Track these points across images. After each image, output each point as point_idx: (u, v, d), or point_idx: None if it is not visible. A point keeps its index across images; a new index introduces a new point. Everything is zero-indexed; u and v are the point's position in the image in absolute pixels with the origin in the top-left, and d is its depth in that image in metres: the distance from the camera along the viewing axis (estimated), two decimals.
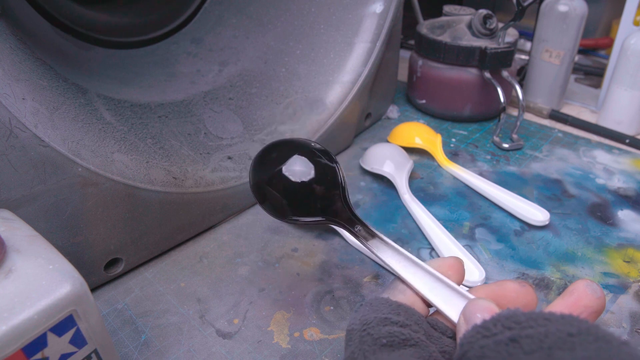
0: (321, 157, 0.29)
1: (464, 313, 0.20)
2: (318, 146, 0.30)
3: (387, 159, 0.49)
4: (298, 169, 0.29)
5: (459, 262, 0.25)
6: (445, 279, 0.23)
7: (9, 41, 0.32)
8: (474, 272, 0.38)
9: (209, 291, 0.38)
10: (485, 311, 0.19)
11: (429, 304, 0.24)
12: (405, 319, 0.21)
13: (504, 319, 0.18)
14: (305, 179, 0.28)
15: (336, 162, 0.30)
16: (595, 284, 0.21)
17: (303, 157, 0.29)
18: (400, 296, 0.24)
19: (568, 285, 0.24)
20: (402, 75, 0.72)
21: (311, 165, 0.29)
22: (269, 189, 0.29)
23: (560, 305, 0.21)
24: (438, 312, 0.23)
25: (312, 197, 0.29)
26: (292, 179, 0.28)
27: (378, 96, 0.58)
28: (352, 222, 0.29)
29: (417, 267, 0.25)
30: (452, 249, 0.40)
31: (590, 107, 0.65)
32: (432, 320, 0.23)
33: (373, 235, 0.28)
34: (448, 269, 0.24)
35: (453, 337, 0.22)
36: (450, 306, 0.22)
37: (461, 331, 0.20)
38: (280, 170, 0.28)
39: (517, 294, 0.22)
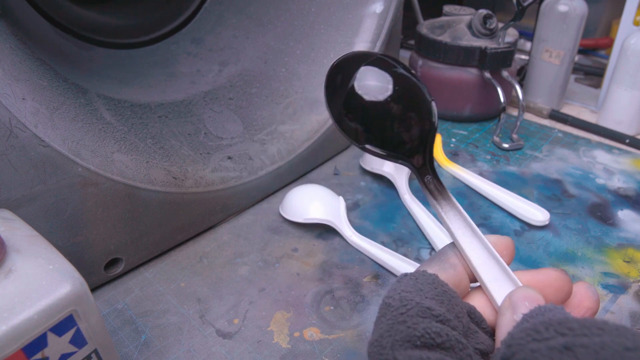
0: (409, 75, 0.25)
1: (511, 298, 0.20)
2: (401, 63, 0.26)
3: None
4: (373, 84, 0.25)
5: (512, 244, 0.24)
6: (499, 257, 0.23)
7: (9, 41, 0.32)
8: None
9: (209, 291, 0.38)
10: (533, 300, 0.19)
11: (473, 280, 0.23)
12: (447, 310, 0.20)
13: (557, 324, 0.17)
14: (382, 97, 0.25)
15: (424, 86, 0.26)
16: (592, 286, 0.21)
17: (380, 69, 0.25)
18: (451, 271, 0.22)
19: None
20: None
21: (390, 79, 0.25)
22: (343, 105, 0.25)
23: (565, 305, 0.21)
24: (477, 294, 0.22)
25: (389, 122, 0.25)
26: (366, 97, 0.24)
27: None
28: (424, 170, 0.26)
29: (476, 238, 0.23)
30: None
31: (590, 107, 0.65)
32: (471, 309, 0.21)
33: (442, 193, 0.25)
34: (504, 248, 0.23)
35: (487, 330, 0.21)
36: (498, 287, 0.21)
37: (505, 317, 0.19)
38: (353, 86, 0.24)
39: (561, 282, 0.21)
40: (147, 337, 0.34)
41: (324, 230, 0.43)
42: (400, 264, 0.38)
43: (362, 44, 0.51)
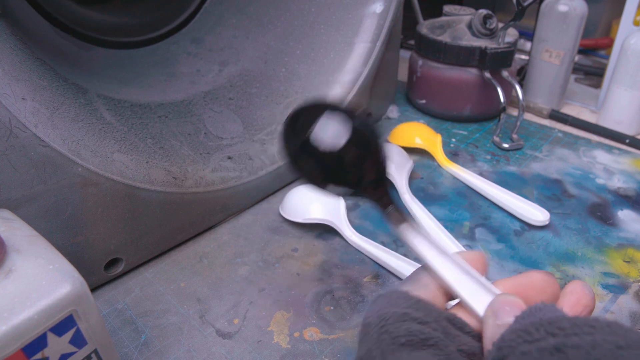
0: (356, 119, 0.27)
1: (491, 307, 0.20)
2: (352, 108, 0.28)
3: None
4: (329, 134, 0.26)
5: (483, 256, 0.24)
6: (473, 271, 0.23)
7: (9, 41, 0.32)
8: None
9: (209, 291, 0.38)
10: (514, 306, 0.19)
11: (451, 297, 0.23)
12: (425, 315, 0.20)
13: (547, 324, 0.17)
14: (337, 146, 0.26)
15: (374, 129, 0.27)
16: (587, 284, 0.21)
17: (335, 120, 0.26)
18: (422, 290, 0.23)
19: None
20: (402, 75, 0.72)
21: (344, 130, 0.26)
22: (301, 154, 0.27)
23: (564, 305, 0.21)
24: (457, 307, 0.23)
25: (344, 166, 0.26)
26: (322, 147, 0.26)
27: (378, 96, 0.58)
28: (385, 202, 0.26)
29: (447, 257, 0.24)
30: (452, 249, 0.40)
31: (590, 107, 0.65)
32: (450, 316, 0.22)
33: (405, 220, 0.26)
34: (475, 262, 0.24)
35: (471, 333, 0.21)
36: (477, 299, 0.22)
37: (489, 325, 0.20)
38: (309, 137, 0.26)
39: (545, 283, 0.21)
40: (147, 337, 0.34)
41: (324, 230, 0.43)
42: (400, 264, 0.38)
43: (362, 44, 0.51)
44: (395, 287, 0.24)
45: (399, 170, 0.48)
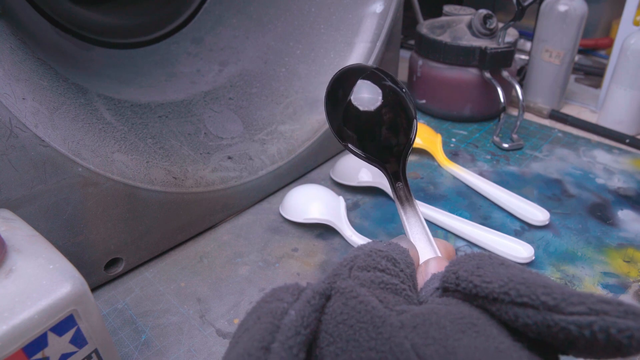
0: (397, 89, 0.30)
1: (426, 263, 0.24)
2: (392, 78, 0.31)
3: (362, 168, 0.47)
4: (366, 96, 0.30)
5: (452, 247, 0.27)
6: (439, 253, 0.26)
7: (9, 41, 0.32)
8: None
9: (209, 291, 0.38)
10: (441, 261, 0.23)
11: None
12: (389, 249, 0.22)
13: (487, 254, 0.19)
14: (373, 107, 0.29)
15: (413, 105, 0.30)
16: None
17: (373, 85, 0.30)
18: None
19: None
20: (402, 75, 0.72)
21: (381, 94, 0.30)
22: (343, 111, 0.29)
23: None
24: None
25: (374, 129, 0.29)
26: (361, 107, 0.29)
27: None
28: (397, 176, 0.29)
29: (428, 242, 0.27)
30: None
31: (590, 107, 0.65)
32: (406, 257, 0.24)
33: (409, 201, 0.28)
34: (443, 248, 0.27)
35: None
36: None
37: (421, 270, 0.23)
38: (350, 99, 0.29)
39: (449, 248, 0.26)
40: (147, 337, 0.34)
41: (324, 230, 0.43)
42: None
43: (362, 44, 0.51)
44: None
45: (382, 178, 0.47)
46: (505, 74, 0.58)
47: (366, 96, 0.30)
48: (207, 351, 0.33)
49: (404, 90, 0.31)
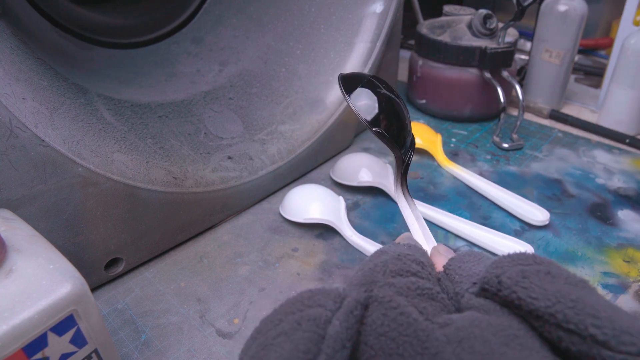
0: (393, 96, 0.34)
1: (436, 248, 0.26)
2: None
3: (362, 169, 0.47)
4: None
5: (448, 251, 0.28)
6: (431, 237, 0.30)
7: (9, 41, 0.32)
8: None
9: (209, 291, 0.38)
10: (447, 250, 0.25)
11: None
12: (413, 252, 0.22)
13: (530, 257, 0.19)
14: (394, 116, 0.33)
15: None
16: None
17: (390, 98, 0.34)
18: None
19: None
20: (402, 75, 0.72)
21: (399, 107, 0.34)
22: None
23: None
24: None
25: (397, 123, 0.33)
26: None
27: None
28: (407, 166, 0.33)
29: (421, 225, 0.31)
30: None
31: (590, 107, 0.65)
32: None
33: (412, 198, 0.32)
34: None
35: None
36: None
37: (436, 256, 0.24)
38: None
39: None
40: (147, 337, 0.34)
41: (324, 230, 0.43)
42: None
43: (362, 44, 0.51)
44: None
45: (383, 177, 0.47)
46: (505, 74, 0.58)
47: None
48: (207, 351, 0.33)
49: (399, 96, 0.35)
